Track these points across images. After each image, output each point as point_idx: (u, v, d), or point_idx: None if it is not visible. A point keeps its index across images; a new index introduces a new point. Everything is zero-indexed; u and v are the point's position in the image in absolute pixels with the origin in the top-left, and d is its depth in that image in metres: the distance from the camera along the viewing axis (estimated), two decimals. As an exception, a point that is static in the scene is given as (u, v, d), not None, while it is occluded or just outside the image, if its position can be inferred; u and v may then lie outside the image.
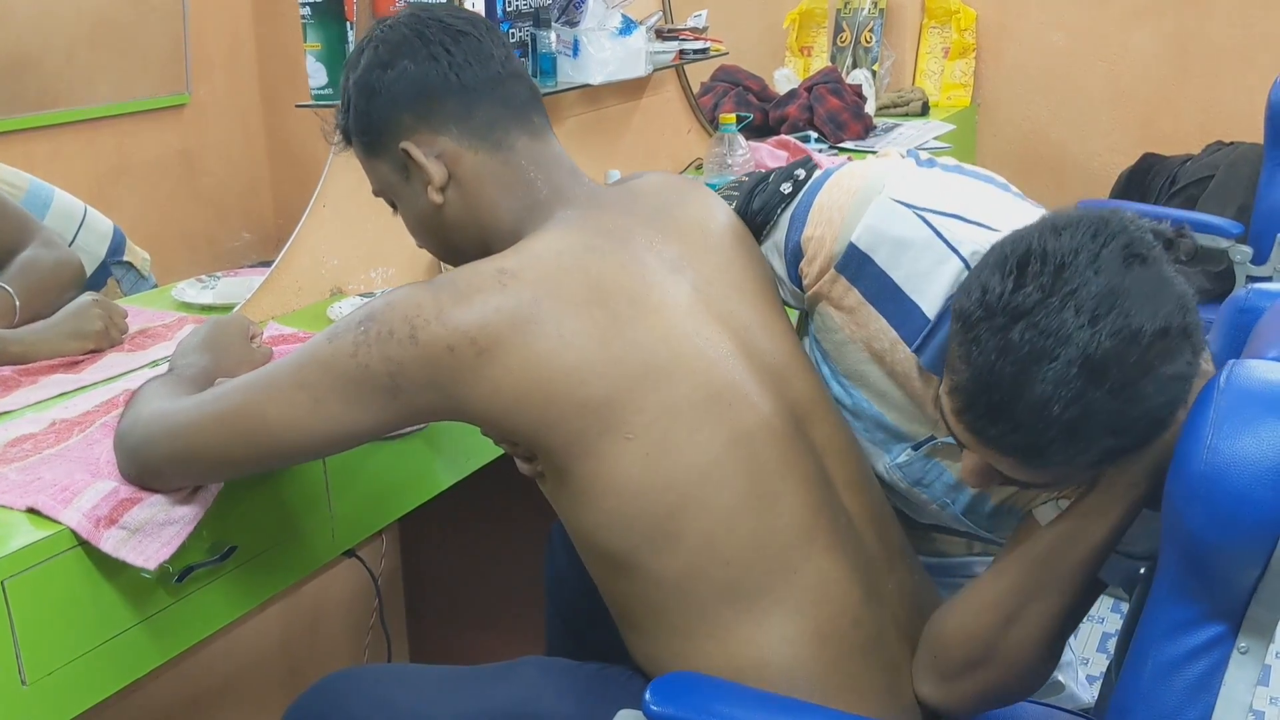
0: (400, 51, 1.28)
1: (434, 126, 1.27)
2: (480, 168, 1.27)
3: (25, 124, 2.27)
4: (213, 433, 1.20)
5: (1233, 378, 0.97)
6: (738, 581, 1.19)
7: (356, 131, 1.33)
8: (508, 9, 2.26)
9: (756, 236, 1.43)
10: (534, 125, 1.31)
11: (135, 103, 2.29)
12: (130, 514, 1.22)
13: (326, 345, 1.18)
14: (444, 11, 1.33)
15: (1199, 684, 0.99)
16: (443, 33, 1.29)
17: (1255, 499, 0.91)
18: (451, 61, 1.28)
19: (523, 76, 1.33)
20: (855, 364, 1.34)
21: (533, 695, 1.27)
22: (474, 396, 1.16)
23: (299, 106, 2.19)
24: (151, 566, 1.21)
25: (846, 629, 1.22)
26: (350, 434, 1.20)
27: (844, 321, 1.32)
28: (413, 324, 1.14)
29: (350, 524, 1.57)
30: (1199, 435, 0.95)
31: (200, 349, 1.49)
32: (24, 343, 1.66)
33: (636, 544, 1.20)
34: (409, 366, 1.14)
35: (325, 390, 1.16)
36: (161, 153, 2.33)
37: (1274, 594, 0.95)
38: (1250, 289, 1.24)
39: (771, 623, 1.19)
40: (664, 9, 2.87)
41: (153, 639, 1.32)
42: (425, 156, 1.27)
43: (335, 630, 2.20)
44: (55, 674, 1.22)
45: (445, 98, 1.27)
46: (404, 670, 1.41)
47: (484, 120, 1.28)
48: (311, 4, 2.08)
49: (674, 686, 1.14)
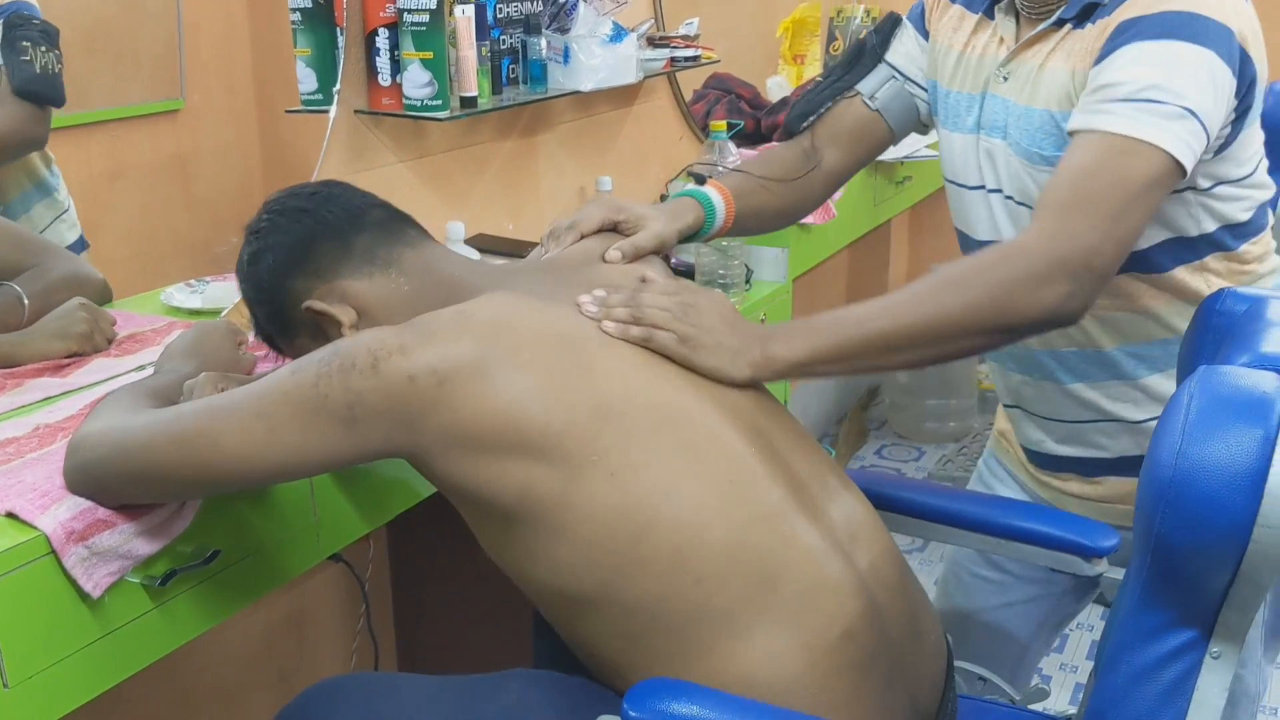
0: (266, 236, 1.37)
1: (323, 277, 1.34)
2: (379, 291, 1.31)
3: (20, 127, 2.28)
4: (165, 453, 1.20)
5: (1203, 383, 0.97)
6: (711, 597, 1.17)
7: (271, 328, 1.40)
8: (499, 16, 2.27)
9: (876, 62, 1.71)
10: (410, 237, 1.37)
11: (129, 108, 2.23)
12: (99, 537, 1.22)
13: (289, 377, 1.19)
14: (292, 188, 1.42)
15: (1172, 689, 1.00)
16: (293, 199, 1.39)
17: (1225, 503, 0.92)
18: (313, 214, 1.36)
19: (383, 205, 1.41)
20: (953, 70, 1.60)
21: (520, 708, 1.26)
22: (432, 426, 1.16)
23: (289, 112, 2.20)
24: (95, 595, 1.22)
25: (837, 642, 1.18)
26: (301, 464, 1.20)
27: (945, 33, 1.62)
28: (375, 355, 1.15)
29: (336, 529, 1.57)
30: (1170, 440, 0.95)
31: (186, 354, 1.49)
32: (10, 343, 1.66)
33: (607, 576, 1.18)
34: (368, 396, 1.15)
35: (282, 420, 1.16)
36: (155, 157, 2.28)
37: (1245, 599, 0.95)
38: (1226, 291, 1.25)
39: (754, 637, 1.16)
40: (656, 17, 2.88)
41: (136, 642, 1.32)
42: (329, 305, 1.32)
43: (323, 635, 2.21)
44: (37, 677, 1.22)
45: (321, 245, 1.34)
46: (392, 680, 1.40)
47: (364, 249, 1.34)
48: (301, 9, 2.10)
49: (651, 692, 1.12)
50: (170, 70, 2.27)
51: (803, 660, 1.16)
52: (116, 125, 2.24)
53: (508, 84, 2.32)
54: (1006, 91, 1.48)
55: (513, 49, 2.32)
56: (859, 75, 1.71)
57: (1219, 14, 1.30)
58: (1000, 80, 1.49)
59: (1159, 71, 1.27)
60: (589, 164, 2.70)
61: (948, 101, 1.62)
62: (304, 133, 2.23)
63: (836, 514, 1.27)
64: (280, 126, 2.23)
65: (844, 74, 1.71)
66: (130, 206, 2.18)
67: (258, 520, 1.45)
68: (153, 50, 2.26)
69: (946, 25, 1.64)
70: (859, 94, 1.71)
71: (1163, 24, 1.29)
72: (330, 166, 2.10)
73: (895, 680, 1.23)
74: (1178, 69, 1.27)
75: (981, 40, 1.57)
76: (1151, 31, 1.29)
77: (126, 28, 2.23)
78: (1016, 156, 1.46)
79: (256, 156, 2.36)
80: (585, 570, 1.19)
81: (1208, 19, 1.29)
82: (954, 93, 1.59)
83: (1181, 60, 1.27)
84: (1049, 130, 1.43)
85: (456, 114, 2.12)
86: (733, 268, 2.51)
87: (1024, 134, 1.45)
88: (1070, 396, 1.55)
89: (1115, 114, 1.28)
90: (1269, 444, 0.92)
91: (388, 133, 2.19)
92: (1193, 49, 1.27)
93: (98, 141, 2.19)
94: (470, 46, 2.10)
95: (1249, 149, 1.40)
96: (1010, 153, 1.47)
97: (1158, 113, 1.26)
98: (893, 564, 1.29)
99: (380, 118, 2.14)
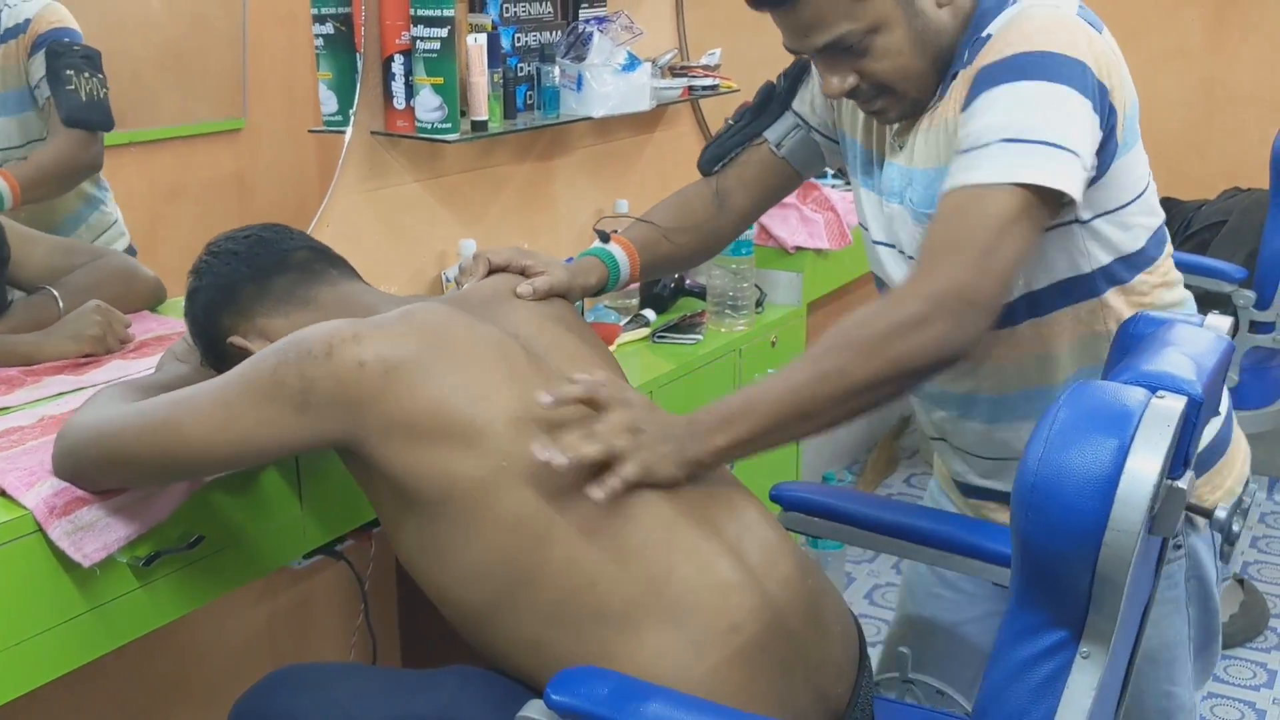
0: (202, 276, 1.51)
1: (245, 314, 1.47)
2: (294, 326, 1.39)
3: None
4: (133, 441, 1.31)
5: (1070, 396, 1.03)
6: (606, 601, 1.26)
7: (209, 358, 1.53)
8: (516, 45, 2.38)
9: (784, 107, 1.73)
10: (331, 276, 1.50)
11: (193, 126, 2.36)
12: (80, 512, 1.33)
13: (251, 367, 1.30)
14: (232, 232, 1.54)
15: (1044, 686, 1.05)
16: (229, 243, 1.52)
17: (1081, 508, 0.98)
18: (242, 257, 1.49)
19: (312, 247, 1.54)
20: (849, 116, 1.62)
21: (453, 703, 1.34)
22: (376, 414, 1.26)
23: (311, 131, 2.31)
24: (86, 565, 1.33)
25: (723, 635, 1.25)
26: (258, 448, 1.30)
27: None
28: (330, 344, 1.26)
29: (321, 523, 1.66)
30: (1034, 449, 1.01)
31: (188, 354, 1.60)
32: (32, 343, 1.78)
33: (512, 579, 1.28)
34: (320, 382, 1.25)
35: (241, 406, 1.27)
36: (216, 174, 2.38)
37: (1105, 600, 1.00)
38: (1140, 315, 1.30)
39: (645, 638, 1.25)
40: (680, 47, 2.97)
41: (120, 618, 1.41)
42: (248, 341, 1.45)
43: (324, 630, 2.30)
44: (26, 643, 1.32)
45: (243, 287, 1.47)
46: (344, 669, 1.51)
47: (281, 289, 1.47)
48: (324, 35, 2.21)
49: (573, 679, 1.19)
50: (234, 90, 2.37)
51: (690, 654, 1.24)
52: (181, 142, 2.34)
53: (524, 109, 2.42)
54: (903, 159, 1.51)
55: (529, 76, 2.42)
56: (765, 123, 1.74)
57: (1071, 49, 1.33)
58: (896, 149, 1.52)
59: (1018, 112, 1.30)
60: (607, 188, 2.79)
61: (855, 151, 1.64)
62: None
63: (727, 519, 1.35)
64: (335, 147, 2.33)
65: (752, 119, 1.75)
66: (189, 220, 2.27)
67: (242, 510, 1.54)
68: (219, 71, 2.36)
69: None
70: (766, 140, 1.75)
71: (1016, 67, 1.32)
72: (346, 183, 2.21)
73: (794, 669, 1.30)
74: (1034, 107, 1.30)
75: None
76: (1006, 76, 1.32)
77: (196, 49, 2.33)
78: (913, 221, 1.49)
79: (313, 174, 2.45)
80: (491, 572, 1.29)
81: (1060, 55, 1.32)
82: (859, 145, 1.62)
83: (1036, 99, 1.30)
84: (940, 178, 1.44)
85: (466, 136, 2.23)
86: (744, 290, 2.58)
87: (920, 196, 1.47)
88: (987, 436, 1.58)
89: (976, 166, 1.30)
90: (1123, 453, 0.98)
91: (404, 153, 2.30)
92: (1046, 86, 1.30)
93: (162, 158, 2.29)
94: (481, 73, 2.21)
95: (1129, 176, 1.43)
96: (908, 216, 1.50)
97: (1016, 152, 1.28)
98: (789, 562, 1.36)
99: (397, 139, 2.25)
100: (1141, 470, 0.98)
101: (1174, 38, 3.67)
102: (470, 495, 1.27)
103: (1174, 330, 1.22)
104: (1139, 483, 0.98)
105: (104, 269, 1.99)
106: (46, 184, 2.02)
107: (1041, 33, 1.34)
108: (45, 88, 1.96)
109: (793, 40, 1.45)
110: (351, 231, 2.18)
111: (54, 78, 1.96)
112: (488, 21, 2.30)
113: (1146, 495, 0.97)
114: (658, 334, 2.39)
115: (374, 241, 2.26)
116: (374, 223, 2.27)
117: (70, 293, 1.88)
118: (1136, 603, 1.26)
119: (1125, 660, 1.33)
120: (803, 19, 1.39)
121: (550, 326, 1.48)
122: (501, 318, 1.44)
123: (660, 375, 2.20)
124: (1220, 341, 1.21)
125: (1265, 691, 2.77)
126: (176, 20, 2.30)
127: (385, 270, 2.23)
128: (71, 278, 1.91)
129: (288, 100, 2.45)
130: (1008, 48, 1.34)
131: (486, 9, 2.32)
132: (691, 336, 2.38)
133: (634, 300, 2.48)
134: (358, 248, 2.16)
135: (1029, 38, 1.34)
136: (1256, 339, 2.83)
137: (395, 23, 2.16)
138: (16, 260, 1.86)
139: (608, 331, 2.30)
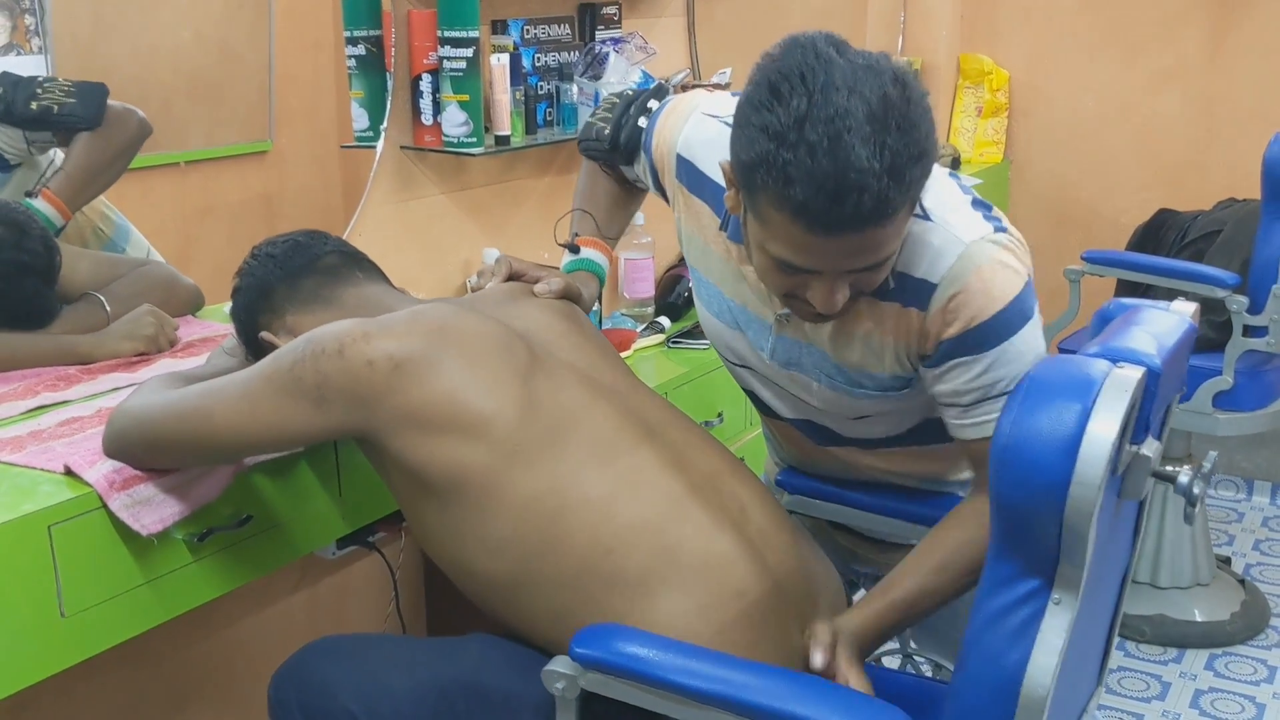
0: (244, 277, 1.65)
1: (276, 312, 1.60)
2: (319, 323, 1.49)
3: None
4: (170, 426, 1.44)
5: (1041, 366, 1.15)
6: (622, 569, 1.36)
7: (248, 350, 1.65)
8: (536, 65, 2.51)
9: (629, 162, 1.79)
10: (356, 278, 1.63)
11: (222, 149, 2.46)
12: (137, 488, 1.46)
13: (272, 363, 1.42)
14: (275, 236, 1.68)
15: (1019, 631, 1.16)
16: (270, 246, 1.65)
17: (1047, 465, 1.09)
18: (277, 260, 1.62)
19: (342, 251, 1.67)
20: (700, 255, 1.61)
21: (479, 667, 1.45)
22: (387, 407, 1.37)
23: (344, 148, 2.45)
24: (145, 534, 1.45)
25: (729, 599, 1.37)
26: (281, 437, 1.43)
27: (686, 219, 1.62)
28: (342, 343, 1.38)
29: (358, 508, 1.77)
30: (1008, 413, 1.12)
31: (236, 348, 1.73)
32: (89, 343, 1.91)
33: (530, 553, 1.38)
34: (334, 378, 1.37)
35: (263, 398, 1.40)
36: (244, 196, 2.48)
37: (1073, 550, 1.11)
38: (1113, 301, 1.41)
39: (658, 603, 1.36)
40: (693, 66, 3.10)
41: (177, 590, 1.53)
42: (276, 337, 1.58)
43: (358, 619, 2.41)
44: (90, 610, 1.44)
45: (276, 288, 1.61)
46: (379, 639, 1.61)
47: (309, 290, 1.60)
48: (357, 56, 2.35)
49: (597, 634, 1.30)
50: (261, 115, 2.47)
51: (700, 619, 1.36)
52: (210, 165, 2.44)
53: (544, 125, 2.55)
54: (823, 344, 1.50)
55: (549, 94, 2.55)
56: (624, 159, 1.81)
57: (1019, 280, 1.38)
58: (788, 322, 1.51)
59: (1017, 363, 1.37)
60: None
61: (710, 291, 1.63)
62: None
63: (727, 493, 1.47)
64: (361, 169, 2.41)
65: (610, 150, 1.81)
66: (218, 240, 2.37)
67: (287, 494, 1.66)
68: (246, 96, 2.46)
69: (686, 210, 1.63)
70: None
71: (994, 332, 1.38)
72: (377, 195, 2.34)
73: (791, 630, 1.42)
74: (1025, 350, 1.39)
75: (735, 252, 1.54)
76: (992, 341, 1.38)
77: (224, 76, 2.43)
78: (831, 391, 1.54)
79: (338, 196, 2.55)
80: (510, 547, 1.39)
81: (1021, 296, 1.38)
82: (723, 295, 1.60)
83: (1022, 348, 1.38)
84: (871, 374, 1.50)
85: (491, 150, 2.37)
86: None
87: (844, 378, 1.52)
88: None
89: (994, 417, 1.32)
90: (1085, 415, 1.09)
91: (431, 167, 2.43)
92: (1025, 331, 1.39)
93: (192, 180, 2.39)
94: (504, 91, 2.34)
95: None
96: (825, 388, 1.55)
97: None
98: (782, 530, 1.49)
99: (424, 153, 2.38)
100: (1101, 432, 1.09)
101: (1173, 55, 3.77)
102: (483, 481, 1.38)
103: (1140, 313, 1.33)
104: (1099, 443, 1.09)
105: (147, 277, 2.10)
106: (89, 182, 2.08)
107: (998, 283, 1.37)
108: (26, 136, 2.03)
109: (827, 261, 1.30)
110: (382, 240, 2.30)
111: (28, 119, 2.00)
112: (510, 43, 2.44)
113: (1106, 453, 1.08)
114: (672, 340, 2.51)
115: (403, 250, 2.39)
116: (403, 232, 2.40)
117: (116, 299, 2.00)
118: (1113, 562, 1.36)
119: (1106, 618, 1.44)
120: (867, 242, 1.27)
121: (559, 323, 1.59)
122: (511, 317, 1.54)
123: (674, 378, 2.33)
124: (1183, 323, 1.32)
125: (1265, 686, 2.85)
126: (205, 49, 2.40)
127: (413, 277, 2.35)
128: (116, 285, 2.03)
129: (313, 123, 2.55)
130: (980, 313, 1.37)
131: (508, 31, 2.46)
132: (703, 342, 2.48)
133: (650, 309, 2.60)
134: (388, 256, 2.26)
135: (994, 300, 1.37)
136: (1250, 343, 2.89)
137: (423, 44, 2.30)
138: (64, 274, 1.97)
139: (625, 337, 2.42)
